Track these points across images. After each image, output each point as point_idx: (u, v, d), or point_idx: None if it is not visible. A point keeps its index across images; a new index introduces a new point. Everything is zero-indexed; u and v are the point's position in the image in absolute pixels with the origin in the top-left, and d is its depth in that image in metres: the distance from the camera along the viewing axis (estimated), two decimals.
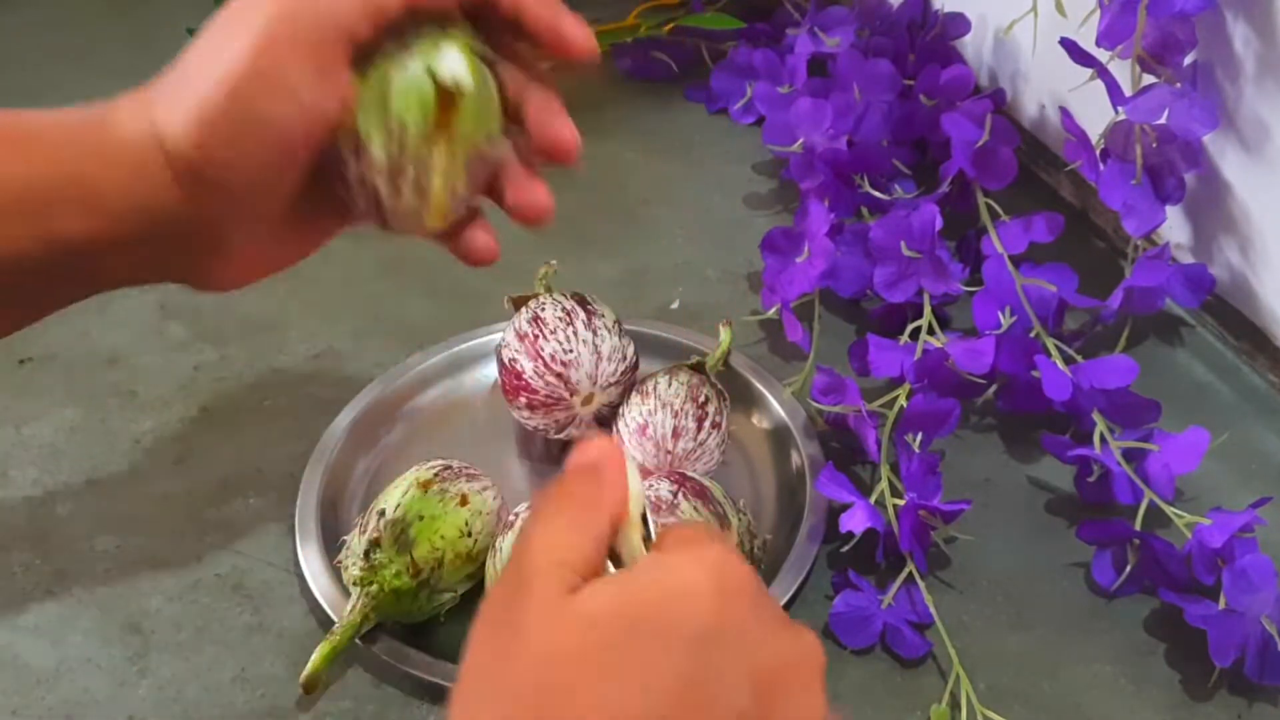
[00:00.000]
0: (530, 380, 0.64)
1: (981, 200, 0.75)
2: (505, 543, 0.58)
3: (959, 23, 0.85)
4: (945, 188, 0.76)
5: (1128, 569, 0.61)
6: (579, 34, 0.47)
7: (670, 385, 0.64)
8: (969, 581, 0.62)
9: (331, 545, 0.61)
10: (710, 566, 0.37)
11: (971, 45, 0.88)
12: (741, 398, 0.69)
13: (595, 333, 0.64)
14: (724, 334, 0.69)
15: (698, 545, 0.38)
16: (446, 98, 0.45)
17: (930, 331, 0.69)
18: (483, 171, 0.48)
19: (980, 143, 0.75)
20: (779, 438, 0.68)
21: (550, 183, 0.49)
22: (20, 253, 0.43)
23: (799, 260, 0.72)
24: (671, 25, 0.95)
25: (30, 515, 0.66)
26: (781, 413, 0.68)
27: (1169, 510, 0.61)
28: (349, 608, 0.57)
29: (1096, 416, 0.64)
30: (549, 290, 0.67)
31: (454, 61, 0.45)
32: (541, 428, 0.66)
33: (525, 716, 0.34)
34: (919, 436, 0.63)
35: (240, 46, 0.43)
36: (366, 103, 0.45)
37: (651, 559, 0.38)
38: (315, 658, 0.56)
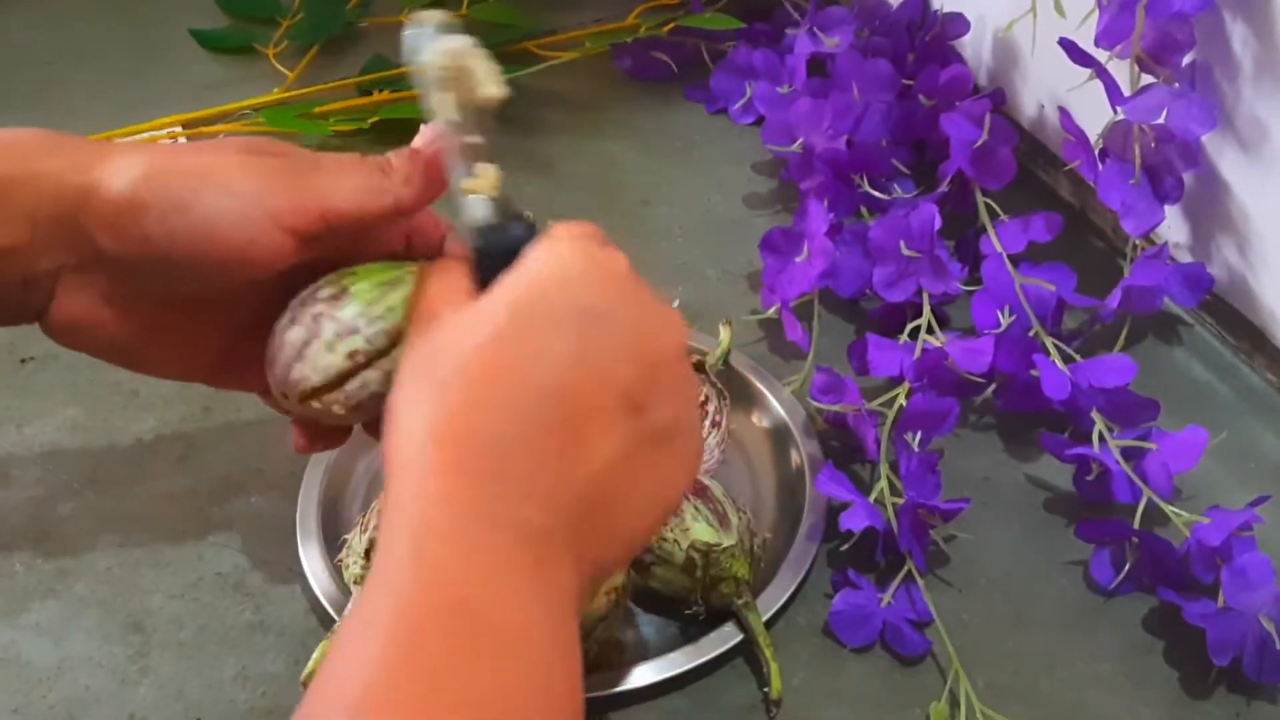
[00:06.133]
0: None
1: (980, 200, 0.75)
2: None
3: (958, 23, 0.85)
4: (944, 187, 0.76)
5: (1126, 567, 0.61)
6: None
7: None
8: (968, 580, 0.63)
9: (332, 544, 0.61)
10: (591, 253, 0.43)
11: (970, 45, 0.88)
12: (741, 397, 0.69)
13: None
14: (724, 333, 0.69)
15: (580, 238, 0.44)
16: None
17: (929, 331, 0.69)
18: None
19: (979, 142, 0.75)
20: (779, 437, 0.68)
21: (550, 181, 0.49)
22: None
23: (798, 260, 0.72)
24: (671, 25, 0.95)
25: (32, 514, 0.66)
26: (781, 412, 0.68)
27: (1167, 509, 0.61)
28: (350, 606, 0.57)
29: (1095, 415, 0.65)
30: None
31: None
32: None
33: (454, 399, 0.40)
34: (918, 435, 0.63)
35: (217, 151, 0.49)
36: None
37: (541, 248, 0.43)
38: (316, 656, 0.56)
